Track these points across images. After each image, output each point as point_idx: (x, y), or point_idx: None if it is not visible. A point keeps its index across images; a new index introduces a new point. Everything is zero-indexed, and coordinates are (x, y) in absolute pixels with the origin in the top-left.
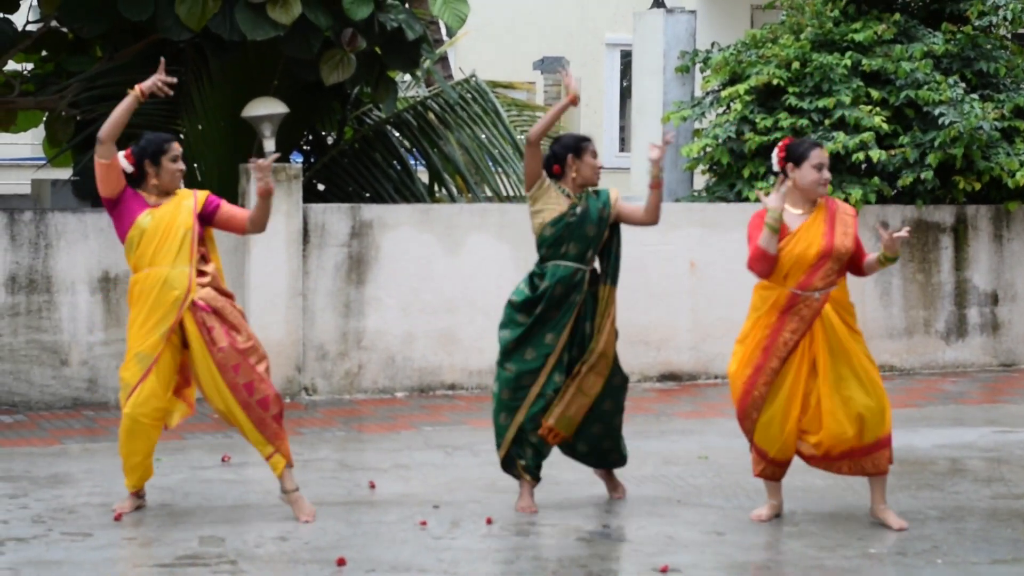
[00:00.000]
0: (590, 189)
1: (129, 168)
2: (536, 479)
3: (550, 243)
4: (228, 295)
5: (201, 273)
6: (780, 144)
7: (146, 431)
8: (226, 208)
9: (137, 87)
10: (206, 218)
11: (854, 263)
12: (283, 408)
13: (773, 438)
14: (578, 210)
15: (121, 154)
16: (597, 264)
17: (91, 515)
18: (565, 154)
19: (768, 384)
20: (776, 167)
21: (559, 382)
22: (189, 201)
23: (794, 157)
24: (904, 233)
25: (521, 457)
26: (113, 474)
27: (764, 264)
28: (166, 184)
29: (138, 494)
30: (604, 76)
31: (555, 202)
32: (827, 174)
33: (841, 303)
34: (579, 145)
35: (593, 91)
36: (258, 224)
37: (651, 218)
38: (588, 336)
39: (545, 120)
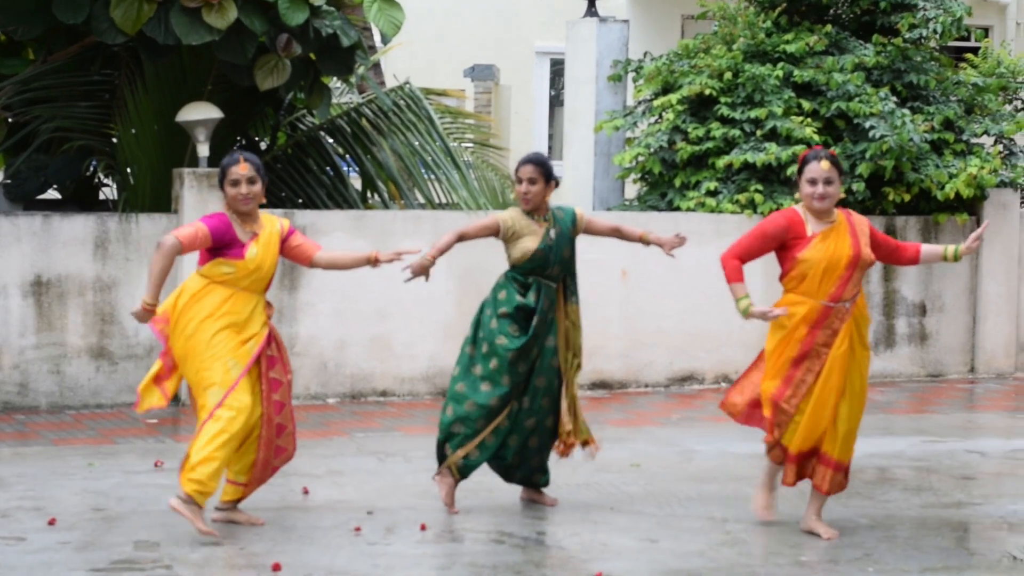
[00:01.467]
0: (554, 208)
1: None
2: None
3: (539, 264)
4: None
5: (268, 304)
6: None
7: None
8: (296, 238)
9: None
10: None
11: (895, 255)
12: (289, 461)
13: (798, 439)
14: (552, 233)
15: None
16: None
17: (24, 519)
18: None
19: (800, 397)
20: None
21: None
22: (276, 231)
23: (799, 169)
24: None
25: (466, 455)
26: (45, 478)
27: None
28: (234, 208)
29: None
30: (534, 84)
31: (529, 229)
32: (821, 188)
33: (863, 313)
34: (516, 171)
35: (523, 99)
36: (336, 268)
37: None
38: (551, 351)
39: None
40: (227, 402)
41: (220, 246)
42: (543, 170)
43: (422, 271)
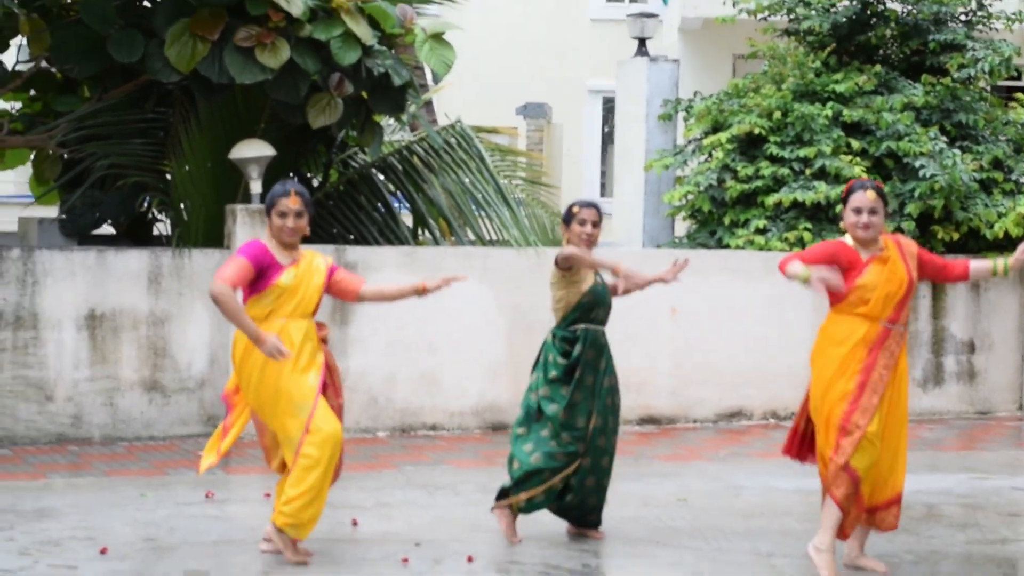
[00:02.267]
0: None
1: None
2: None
3: (586, 308)
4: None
5: (320, 326)
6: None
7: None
8: (340, 273)
9: None
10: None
11: (943, 274)
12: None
13: (873, 476)
14: (599, 278)
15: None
16: None
17: (76, 548)
18: (565, 223)
19: (868, 419)
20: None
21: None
22: (319, 261)
23: (844, 199)
24: None
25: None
26: (97, 508)
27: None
28: (278, 239)
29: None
30: (585, 122)
31: (584, 272)
32: (865, 218)
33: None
34: (568, 212)
35: (575, 137)
36: (383, 300)
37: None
38: (606, 392)
39: None
40: (310, 433)
41: (260, 273)
42: (600, 215)
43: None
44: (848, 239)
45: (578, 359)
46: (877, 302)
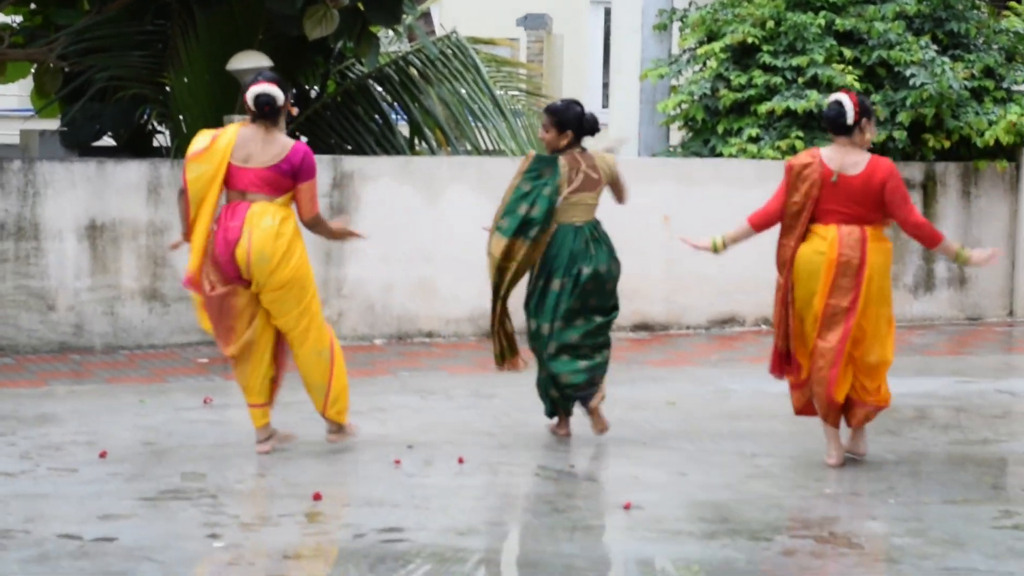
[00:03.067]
0: (587, 151)
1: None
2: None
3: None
4: None
5: None
6: (852, 97)
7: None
8: (305, 188)
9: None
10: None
11: (905, 226)
12: None
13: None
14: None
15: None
16: None
17: (77, 452)
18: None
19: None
20: (851, 120)
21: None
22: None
23: (868, 112)
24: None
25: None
26: (97, 414)
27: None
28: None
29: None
30: (588, 33)
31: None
32: None
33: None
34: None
35: (576, 48)
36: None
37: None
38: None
39: None
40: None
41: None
42: (553, 119)
43: None
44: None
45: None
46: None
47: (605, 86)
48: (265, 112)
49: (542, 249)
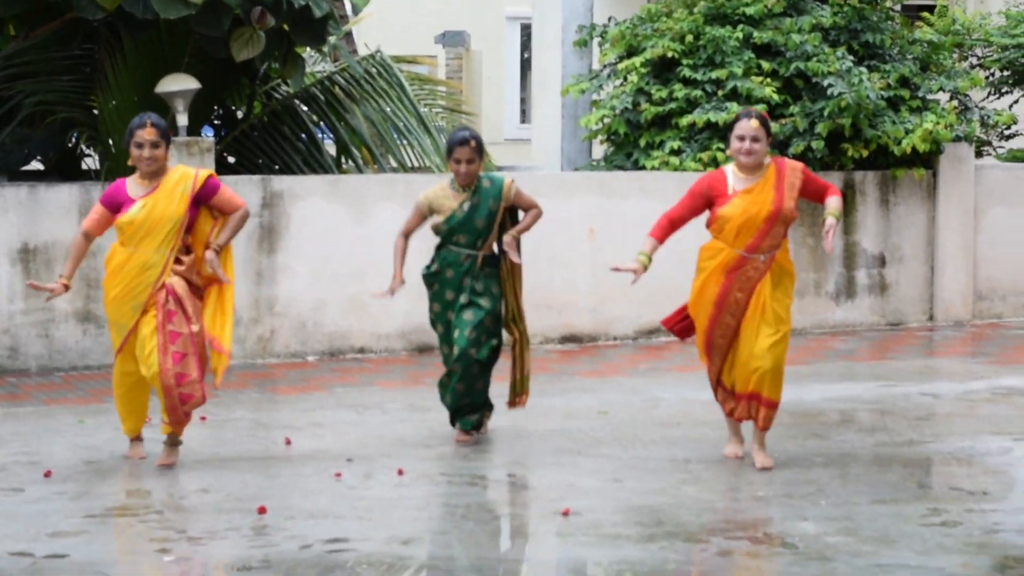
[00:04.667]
0: (483, 179)
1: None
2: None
3: (444, 235)
4: (196, 287)
5: (178, 261)
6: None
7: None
8: (222, 197)
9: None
10: (202, 199)
11: (823, 196)
12: (201, 405)
13: (739, 380)
14: (466, 206)
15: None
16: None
17: (21, 472)
18: (448, 157)
19: (725, 336)
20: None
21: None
22: (184, 187)
23: (731, 126)
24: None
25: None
26: (38, 435)
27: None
28: (137, 167)
29: (139, 438)
30: (505, 49)
31: (447, 203)
32: (747, 144)
33: (782, 266)
34: (448, 148)
35: (494, 64)
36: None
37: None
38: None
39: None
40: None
41: (116, 209)
42: (480, 147)
43: (395, 290)
44: (729, 169)
45: (434, 275)
46: (730, 232)
47: (523, 101)
48: None
49: None
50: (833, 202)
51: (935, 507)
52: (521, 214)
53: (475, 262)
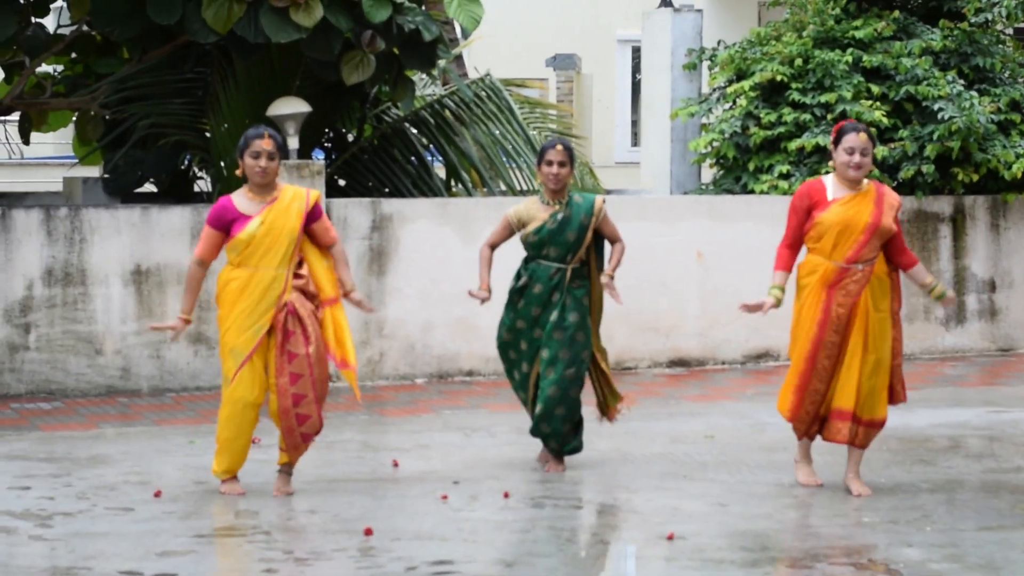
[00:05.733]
0: (574, 195)
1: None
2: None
3: (533, 247)
4: (312, 295)
5: (297, 276)
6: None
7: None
8: (320, 226)
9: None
10: (309, 219)
11: (891, 250)
12: (319, 432)
13: (842, 397)
14: (558, 217)
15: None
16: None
17: (131, 492)
18: (537, 164)
19: (831, 357)
20: (831, 146)
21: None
22: (299, 204)
23: (836, 139)
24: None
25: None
26: (149, 455)
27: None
28: (251, 178)
29: (234, 478)
30: (616, 72)
31: (537, 215)
32: (857, 158)
33: (880, 278)
34: (540, 153)
35: (605, 87)
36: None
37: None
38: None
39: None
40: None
41: (227, 230)
42: (571, 154)
43: (484, 300)
44: (828, 178)
45: (522, 290)
46: (828, 241)
47: (634, 123)
48: None
49: None
50: (923, 273)
51: None
52: (608, 247)
53: (564, 276)
